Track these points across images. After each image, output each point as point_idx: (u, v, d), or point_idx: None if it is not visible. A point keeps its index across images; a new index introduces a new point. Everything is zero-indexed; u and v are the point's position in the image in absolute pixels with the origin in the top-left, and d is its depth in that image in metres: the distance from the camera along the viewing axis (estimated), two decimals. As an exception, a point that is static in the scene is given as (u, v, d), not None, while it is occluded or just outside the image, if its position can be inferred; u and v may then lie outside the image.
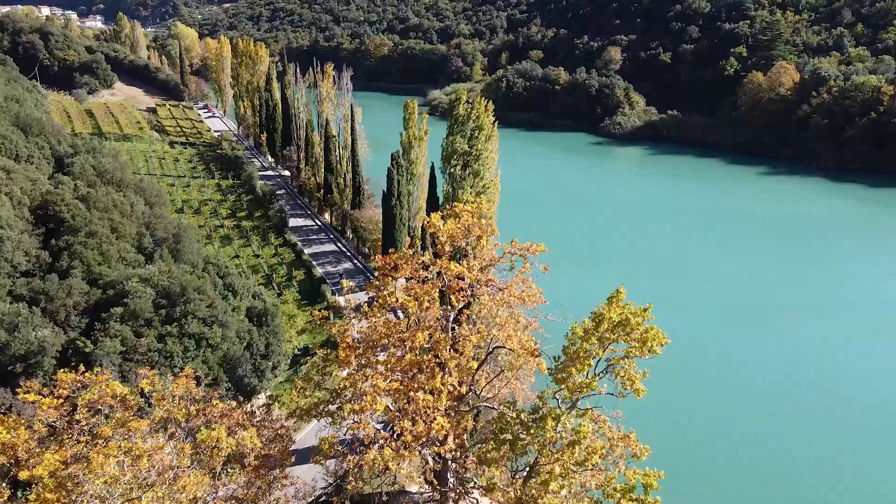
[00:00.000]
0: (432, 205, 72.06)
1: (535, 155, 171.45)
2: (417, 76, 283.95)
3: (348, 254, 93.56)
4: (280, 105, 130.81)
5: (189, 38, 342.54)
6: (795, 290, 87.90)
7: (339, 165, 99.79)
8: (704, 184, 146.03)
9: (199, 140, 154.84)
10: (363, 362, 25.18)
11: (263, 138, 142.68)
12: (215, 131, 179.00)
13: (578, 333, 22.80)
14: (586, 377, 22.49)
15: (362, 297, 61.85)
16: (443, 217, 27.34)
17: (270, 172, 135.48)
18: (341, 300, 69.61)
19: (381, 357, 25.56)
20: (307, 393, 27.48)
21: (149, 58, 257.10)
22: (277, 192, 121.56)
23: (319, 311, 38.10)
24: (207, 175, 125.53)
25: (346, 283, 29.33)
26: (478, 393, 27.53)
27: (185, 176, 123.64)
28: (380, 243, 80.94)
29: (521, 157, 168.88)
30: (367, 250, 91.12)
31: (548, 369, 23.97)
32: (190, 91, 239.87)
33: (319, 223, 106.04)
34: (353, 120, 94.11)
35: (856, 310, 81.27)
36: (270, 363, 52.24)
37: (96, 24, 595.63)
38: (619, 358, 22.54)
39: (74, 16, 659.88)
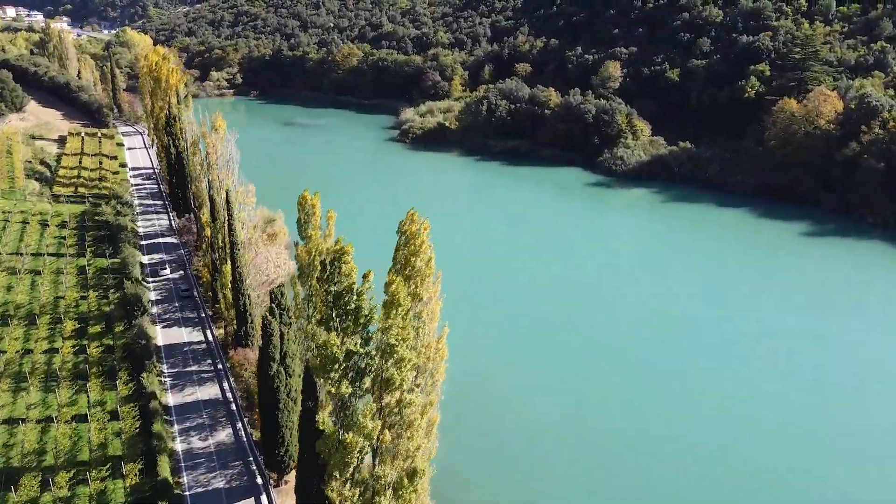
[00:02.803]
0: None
1: (516, 200, 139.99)
2: (390, 91, 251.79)
3: (235, 407, 62.10)
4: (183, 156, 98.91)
5: (141, 46, 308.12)
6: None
7: (224, 266, 67.84)
8: (730, 248, 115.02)
9: (98, 189, 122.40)
10: None
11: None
12: (133, 171, 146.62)
13: None
14: None
15: None
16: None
17: (174, 240, 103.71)
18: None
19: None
20: None
21: (79, 72, 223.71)
22: (169, 278, 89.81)
23: None
24: (78, 252, 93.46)
25: None
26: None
27: (42, 254, 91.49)
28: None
29: (499, 203, 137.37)
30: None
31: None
32: (124, 112, 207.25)
33: (212, 339, 74.39)
34: (229, 214, 61.74)
35: None
36: None
37: (63, 25, 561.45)
38: None
39: (40, 16, 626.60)
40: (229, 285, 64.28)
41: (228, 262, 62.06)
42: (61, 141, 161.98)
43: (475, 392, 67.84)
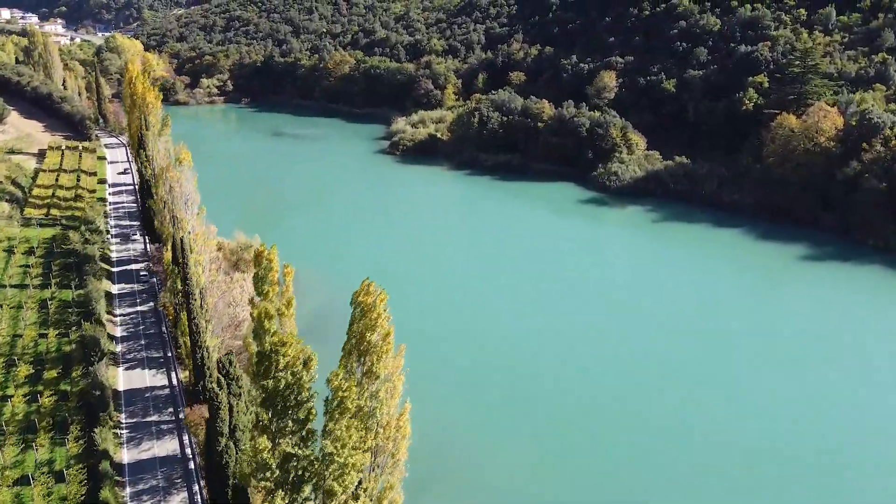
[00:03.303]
0: None
1: (505, 218, 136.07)
2: (382, 99, 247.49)
3: (193, 466, 57.91)
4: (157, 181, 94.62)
5: (131, 52, 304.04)
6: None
7: (183, 312, 63.45)
8: (725, 272, 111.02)
9: (72, 211, 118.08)
10: None
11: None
12: (113, 187, 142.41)
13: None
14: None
15: None
16: None
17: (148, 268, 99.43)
18: None
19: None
20: None
21: (65, 81, 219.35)
22: (138, 310, 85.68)
23: None
24: (43, 282, 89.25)
25: None
26: None
27: (5, 286, 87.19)
28: None
29: (488, 222, 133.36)
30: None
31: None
32: (109, 123, 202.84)
33: (176, 383, 70.20)
34: (184, 263, 57.51)
35: None
36: None
37: (58, 28, 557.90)
38: None
39: (35, 18, 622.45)
40: (188, 333, 60.15)
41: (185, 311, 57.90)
42: (41, 155, 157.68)
43: (449, 455, 63.57)
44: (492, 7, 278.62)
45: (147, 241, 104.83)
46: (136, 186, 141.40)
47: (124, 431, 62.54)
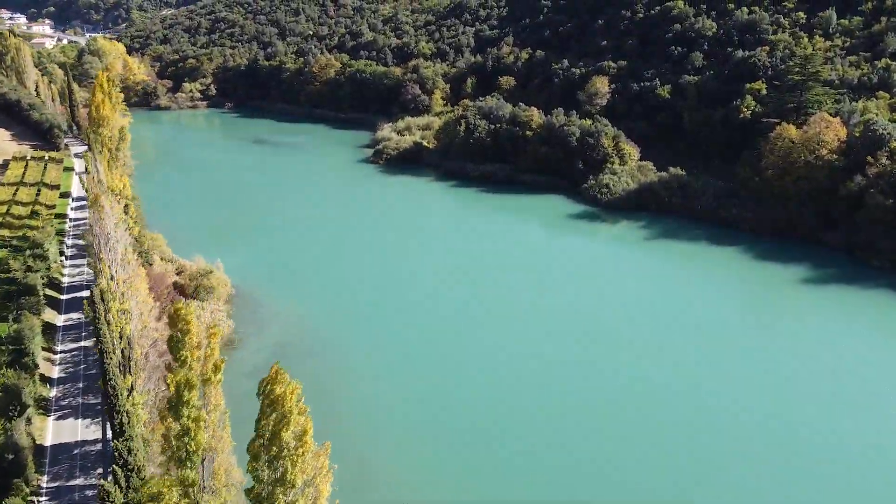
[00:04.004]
0: None
1: (492, 233, 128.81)
2: (368, 104, 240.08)
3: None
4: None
5: (113, 55, 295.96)
6: None
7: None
8: (725, 292, 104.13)
9: (26, 230, 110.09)
10: None
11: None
12: (77, 201, 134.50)
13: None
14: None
15: None
16: None
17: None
18: None
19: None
20: None
21: (37, 87, 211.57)
22: (81, 346, 77.98)
23: None
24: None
25: None
26: None
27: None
28: None
29: (473, 237, 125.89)
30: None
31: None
32: (83, 130, 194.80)
33: (110, 436, 62.75)
34: (96, 319, 49.82)
35: None
36: None
37: (44, 28, 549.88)
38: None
39: (23, 19, 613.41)
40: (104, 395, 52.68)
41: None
42: (4, 166, 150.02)
43: None
44: (482, 9, 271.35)
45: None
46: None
47: (43, 499, 55.17)
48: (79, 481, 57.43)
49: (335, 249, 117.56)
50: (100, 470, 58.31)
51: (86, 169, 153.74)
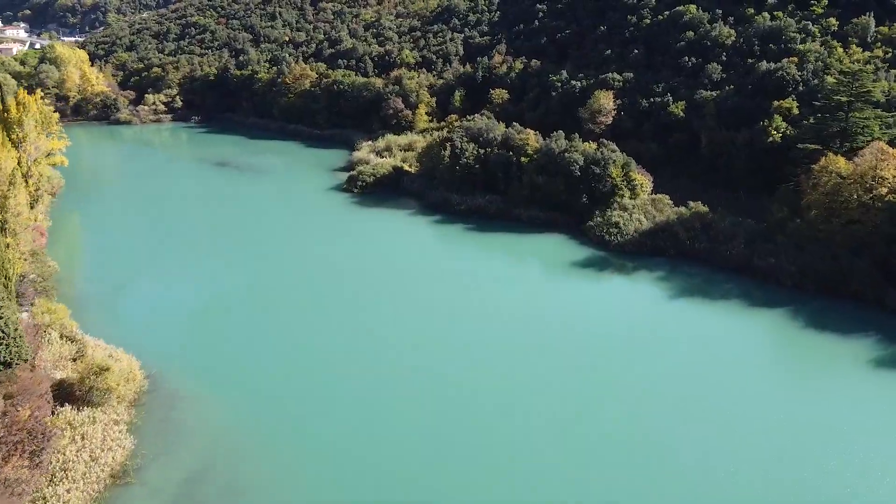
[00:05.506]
0: None
1: (478, 283, 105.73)
2: (347, 119, 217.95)
3: None
4: None
5: (73, 63, 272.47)
6: None
7: None
8: (759, 363, 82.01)
9: None
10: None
11: None
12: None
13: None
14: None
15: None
16: None
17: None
18: None
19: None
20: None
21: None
22: None
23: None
24: None
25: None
26: None
27: None
28: None
29: (456, 289, 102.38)
30: None
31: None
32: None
33: None
34: None
35: None
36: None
37: (18, 32, 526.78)
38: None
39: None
40: None
41: None
42: None
43: None
44: (471, 14, 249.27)
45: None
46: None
47: None
48: None
49: (290, 311, 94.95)
50: None
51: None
